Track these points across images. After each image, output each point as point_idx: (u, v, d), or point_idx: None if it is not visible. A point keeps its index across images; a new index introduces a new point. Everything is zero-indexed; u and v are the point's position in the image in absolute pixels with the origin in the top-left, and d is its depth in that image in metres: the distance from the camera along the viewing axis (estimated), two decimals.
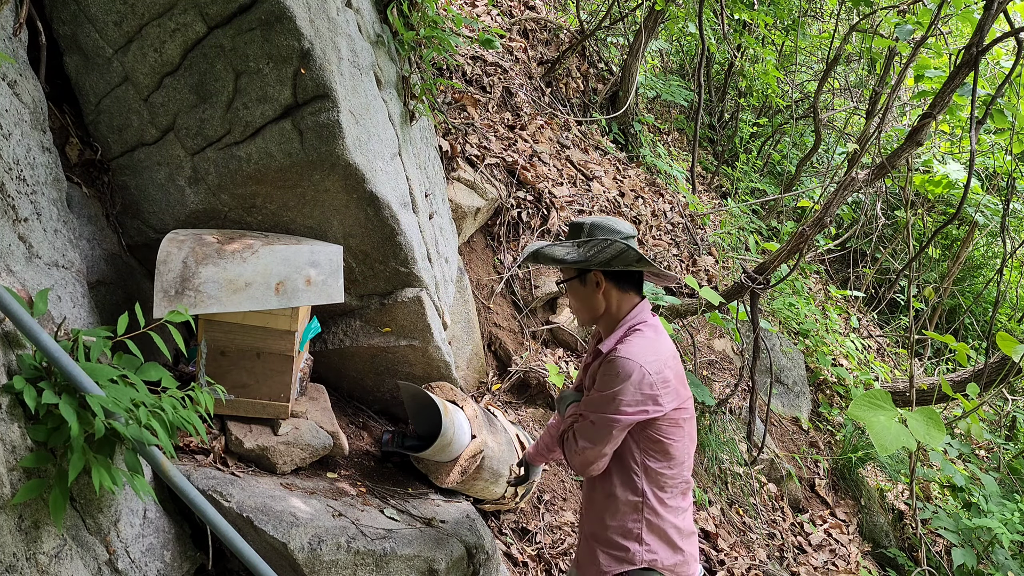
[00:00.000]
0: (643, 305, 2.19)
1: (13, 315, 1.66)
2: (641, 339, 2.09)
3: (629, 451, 2.11)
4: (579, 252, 2.14)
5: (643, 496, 2.11)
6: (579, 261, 2.12)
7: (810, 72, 9.81)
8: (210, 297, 2.22)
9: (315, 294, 2.36)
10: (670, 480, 2.13)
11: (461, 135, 4.39)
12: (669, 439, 2.09)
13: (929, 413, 2.85)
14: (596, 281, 2.16)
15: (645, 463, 2.10)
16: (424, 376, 3.17)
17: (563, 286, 2.26)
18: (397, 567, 2.29)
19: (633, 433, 2.09)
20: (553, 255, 2.14)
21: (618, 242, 2.11)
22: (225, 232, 2.50)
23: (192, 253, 2.28)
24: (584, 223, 2.21)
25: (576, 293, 2.21)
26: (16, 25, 2.10)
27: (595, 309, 2.20)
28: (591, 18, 7.33)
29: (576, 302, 2.23)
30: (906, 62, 4.80)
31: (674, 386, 2.09)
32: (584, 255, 2.13)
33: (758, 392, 4.66)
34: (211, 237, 2.39)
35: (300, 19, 2.34)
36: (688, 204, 6.34)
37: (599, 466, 2.11)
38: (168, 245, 2.29)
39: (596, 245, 2.13)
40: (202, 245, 2.32)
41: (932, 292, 8.09)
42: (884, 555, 4.87)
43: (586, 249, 2.14)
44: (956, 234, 9.27)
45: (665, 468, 2.11)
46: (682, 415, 2.12)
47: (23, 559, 1.64)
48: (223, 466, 2.38)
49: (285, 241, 2.51)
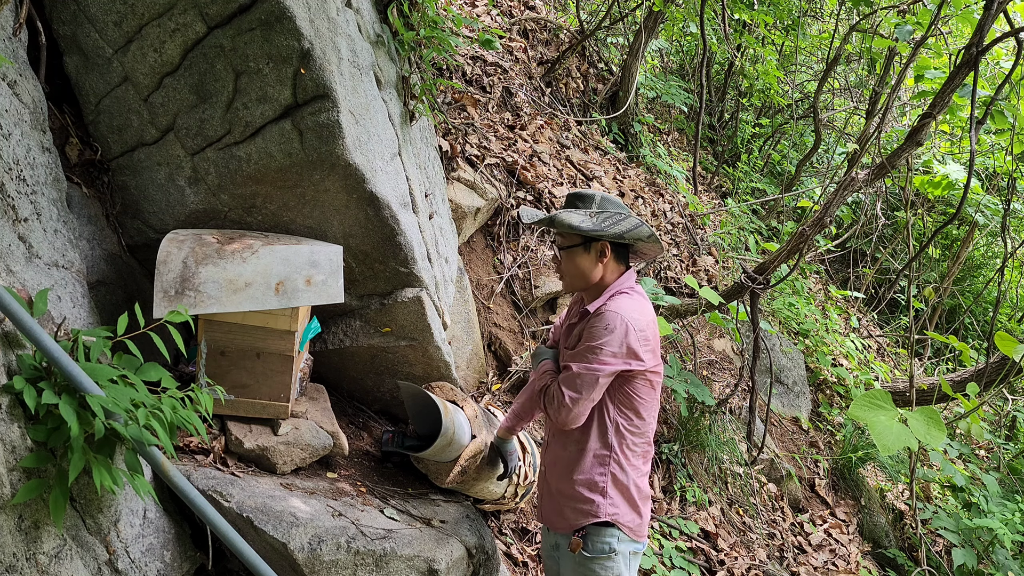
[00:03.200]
0: (630, 273, 2.33)
1: (13, 315, 1.66)
2: (628, 299, 2.24)
3: (604, 406, 2.25)
4: (593, 221, 2.22)
5: (611, 450, 2.25)
6: (593, 230, 2.20)
7: (810, 72, 9.80)
8: (210, 297, 2.23)
9: (315, 294, 2.37)
10: (637, 440, 2.29)
11: (461, 135, 4.39)
12: (642, 399, 2.25)
13: (929, 413, 2.85)
14: (601, 250, 2.25)
15: (617, 420, 2.25)
16: (424, 376, 3.17)
17: (561, 251, 2.31)
18: (397, 567, 2.29)
19: (610, 389, 2.23)
20: (570, 222, 2.19)
21: (631, 216, 2.25)
22: (225, 232, 2.50)
23: (192, 253, 2.28)
24: (593, 195, 2.28)
25: (575, 259, 2.27)
26: (16, 25, 2.10)
27: (590, 278, 2.28)
28: (591, 18, 7.33)
29: (573, 268, 2.29)
30: (906, 62, 4.80)
31: (652, 346, 2.23)
32: (598, 224, 2.21)
33: (758, 392, 4.66)
34: (211, 237, 2.39)
35: (300, 19, 2.34)
36: (688, 204, 6.34)
37: (582, 417, 2.22)
38: (168, 245, 2.29)
39: (611, 217, 2.24)
40: (202, 245, 2.32)
41: (932, 292, 8.08)
42: (884, 555, 4.87)
43: (600, 219, 2.23)
44: (956, 234, 9.27)
45: (634, 428, 2.27)
46: (655, 377, 2.27)
47: (23, 559, 1.64)
48: (223, 466, 2.38)
49: (285, 241, 2.51)
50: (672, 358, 4.35)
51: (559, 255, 2.33)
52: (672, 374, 4.19)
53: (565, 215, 2.22)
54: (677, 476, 4.18)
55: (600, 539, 2.23)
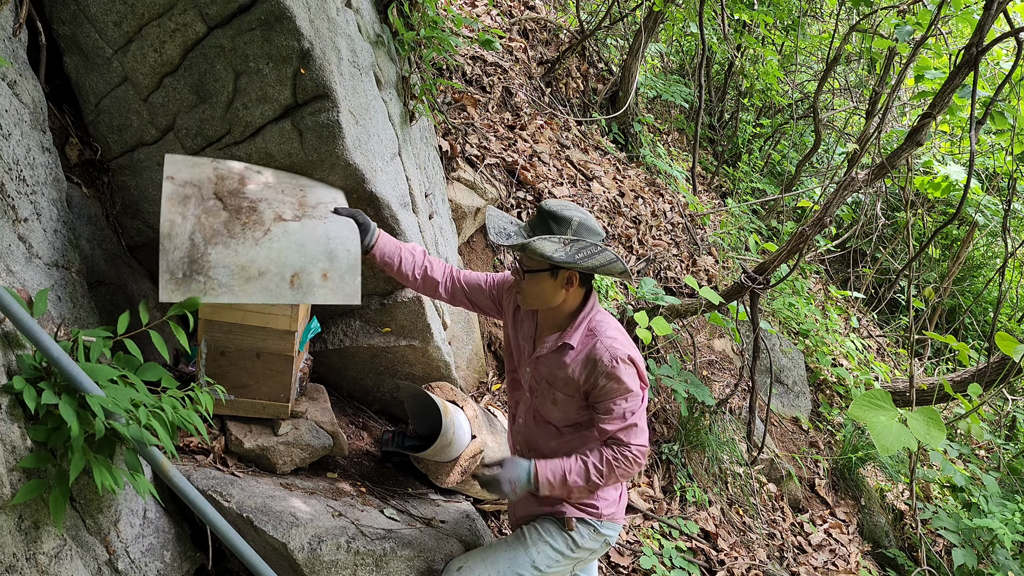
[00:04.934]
0: (593, 296, 2.29)
1: (13, 315, 1.66)
2: (617, 332, 2.21)
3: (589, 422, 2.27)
4: (567, 251, 2.10)
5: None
6: (566, 262, 2.09)
7: (810, 72, 9.81)
8: (221, 285, 2.10)
9: (331, 291, 2.26)
10: None
11: (461, 135, 4.39)
12: None
13: (929, 413, 2.85)
14: (568, 278, 2.17)
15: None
16: (424, 376, 3.17)
17: (525, 271, 2.18)
18: (397, 567, 2.29)
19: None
20: (543, 251, 2.07)
21: (608, 250, 2.14)
22: (225, 178, 2.30)
23: (199, 226, 2.13)
24: (570, 219, 2.13)
25: (540, 283, 2.17)
26: (16, 25, 2.10)
27: (551, 301, 2.21)
28: (591, 18, 7.33)
29: (535, 290, 2.19)
30: (906, 62, 4.81)
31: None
32: (572, 256, 2.10)
33: (758, 392, 4.66)
34: (214, 199, 2.22)
35: (300, 19, 2.34)
36: (688, 204, 6.34)
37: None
38: (170, 208, 2.11)
39: (586, 248, 2.12)
40: (208, 214, 2.16)
41: (932, 292, 8.08)
42: (884, 555, 4.87)
43: (574, 249, 2.11)
44: (956, 234, 9.26)
45: None
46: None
47: (23, 559, 1.64)
48: (223, 466, 2.38)
49: (291, 193, 2.36)
50: (672, 358, 4.35)
51: (520, 271, 2.21)
52: (672, 374, 4.19)
53: (539, 244, 2.08)
54: (677, 476, 4.18)
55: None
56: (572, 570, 2.41)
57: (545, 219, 2.14)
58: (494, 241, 2.18)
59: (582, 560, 2.39)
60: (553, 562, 2.30)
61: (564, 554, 2.31)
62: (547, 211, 2.15)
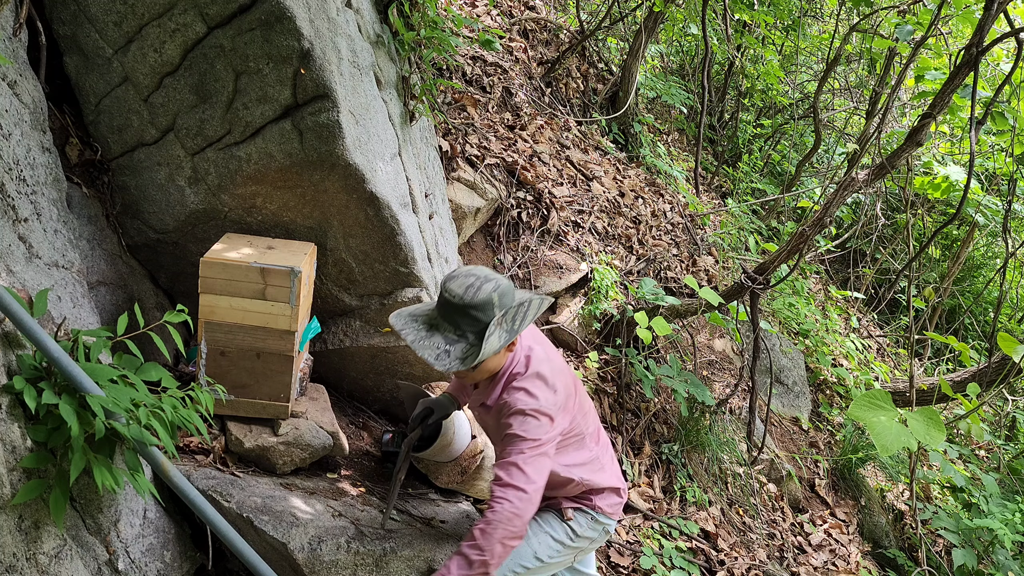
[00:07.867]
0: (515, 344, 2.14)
1: (13, 315, 1.66)
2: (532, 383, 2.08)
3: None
4: (505, 329, 2.00)
5: (578, 479, 2.30)
6: (509, 340, 2.01)
7: (810, 72, 9.80)
8: None
9: None
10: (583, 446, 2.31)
11: (461, 135, 4.39)
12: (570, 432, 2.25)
13: (929, 413, 2.85)
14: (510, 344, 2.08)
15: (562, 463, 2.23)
16: (424, 376, 3.17)
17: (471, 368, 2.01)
18: (397, 567, 2.29)
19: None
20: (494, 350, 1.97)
21: (528, 297, 2.07)
22: None
23: None
24: (488, 299, 1.97)
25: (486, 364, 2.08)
26: (16, 25, 2.10)
27: (500, 366, 2.14)
28: (591, 18, 7.33)
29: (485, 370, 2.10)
30: (906, 62, 4.80)
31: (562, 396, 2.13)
32: (512, 330, 2.01)
33: (758, 392, 4.66)
34: None
35: (300, 19, 2.34)
36: (688, 204, 6.34)
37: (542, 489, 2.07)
38: None
39: (515, 312, 2.02)
40: None
41: (932, 292, 8.08)
42: (884, 555, 4.87)
43: (510, 320, 2.01)
44: (956, 234, 9.26)
45: (578, 449, 2.30)
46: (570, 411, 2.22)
47: (23, 559, 1.64)
48: (223, 466, 2.38)
49: None
50: (672, 358, 4.35)
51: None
52: (672, 374, 4.19)
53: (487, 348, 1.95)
54: (677, 476, 4.18)
55: None
56: (573, 560, 2.44)
57: (465, 312, 1.97)
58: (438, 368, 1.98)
59: (583, 550, 2.41)
60: (555, 552, 2.33)
61: (564, 544, 2.34)
62: (463, 304, 1.97)
